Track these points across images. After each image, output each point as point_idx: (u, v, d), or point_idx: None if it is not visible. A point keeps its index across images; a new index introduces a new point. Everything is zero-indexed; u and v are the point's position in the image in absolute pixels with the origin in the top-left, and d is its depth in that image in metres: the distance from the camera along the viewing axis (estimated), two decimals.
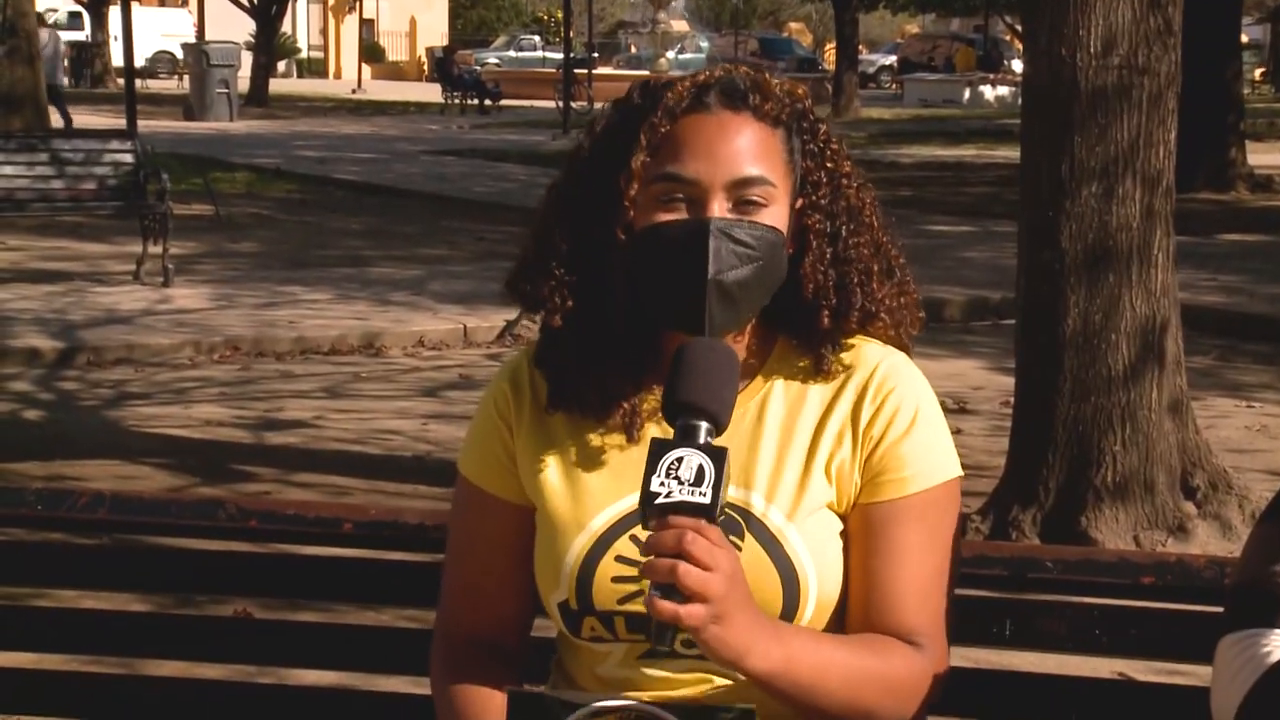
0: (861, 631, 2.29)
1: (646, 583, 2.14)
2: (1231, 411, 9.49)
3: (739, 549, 2.20)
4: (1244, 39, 29.30)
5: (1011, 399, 7.23)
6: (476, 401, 2.50)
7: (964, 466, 2.38)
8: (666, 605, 1.96)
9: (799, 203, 2.30)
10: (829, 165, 2.32)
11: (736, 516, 2.26)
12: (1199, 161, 20.02)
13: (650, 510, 2.03)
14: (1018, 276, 7.13)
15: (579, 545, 2.30)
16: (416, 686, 2.61)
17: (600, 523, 2.31)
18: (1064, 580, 2.63)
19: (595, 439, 2.35)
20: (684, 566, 1.96)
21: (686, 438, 2.07)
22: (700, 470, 2.03)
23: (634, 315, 2.29)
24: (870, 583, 2.31)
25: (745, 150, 2.25)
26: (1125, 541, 6.58)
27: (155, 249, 13.32)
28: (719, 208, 2.22)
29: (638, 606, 2.24)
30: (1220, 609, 2.27)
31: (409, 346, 11.42)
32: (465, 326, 11.79)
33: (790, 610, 2.26)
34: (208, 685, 2.97)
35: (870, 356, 2.36)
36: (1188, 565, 2.61)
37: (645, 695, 2.28)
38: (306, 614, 3.10)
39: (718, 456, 2.05)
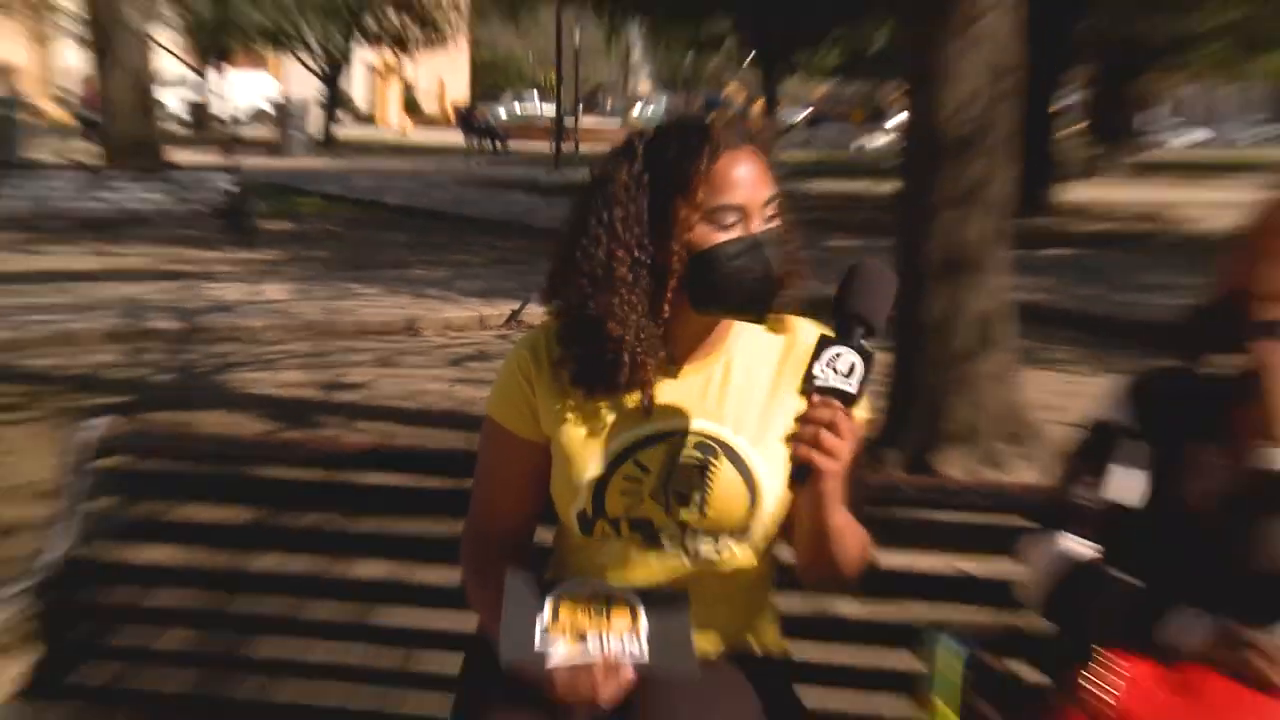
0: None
1: (649, 493, 2.32)
2: (1046, 381, 9.51)
3: (716, 468, 2.33)
4: (1069, 102, 29.18)
5: (890, 371, 7.26)
6: (491, 369, 2.55)
7: None
8: (805, 450, 2.08)
9: None
10: (775, 179, 2.35)
11: (713, 444, 2.35)
12: (1029, 194, 20.05)
13: (808, 388, 2.11)
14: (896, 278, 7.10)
15: (594, 468, 2.35)
16: (447, 577, 2.65)
17: (610, 452, 2.36)
18: (920, 500, 2.71)
19: (607, 393, 2.38)
20: (825, 433, 2.06)
21: (847, 337, 2.14)
22: (853, 366, 2.12)
23: (674, 308, 2.31)
24: None
25: (763, 176, 2.30)
26: (965, 474, 6.67)
27: (251, 255, 13.38)
28: (758, 223, 2.28)
29: (638, 513, 2.35)
30: (1031, 521, 2.34)
31: (440, 329, 11.37)
32: (482, 314, 11.73)
33: (752, 516, 2.35)
34: (293, 576, 3.02)
35: (806, 330, 2.43)
36: (1008, 490, 2.68)
37: (632, 576, 2.37)
38: (364, 523, 3.14)
39: (868, 357, 2.13)
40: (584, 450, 2.37)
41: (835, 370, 2.11)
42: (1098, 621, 2.17)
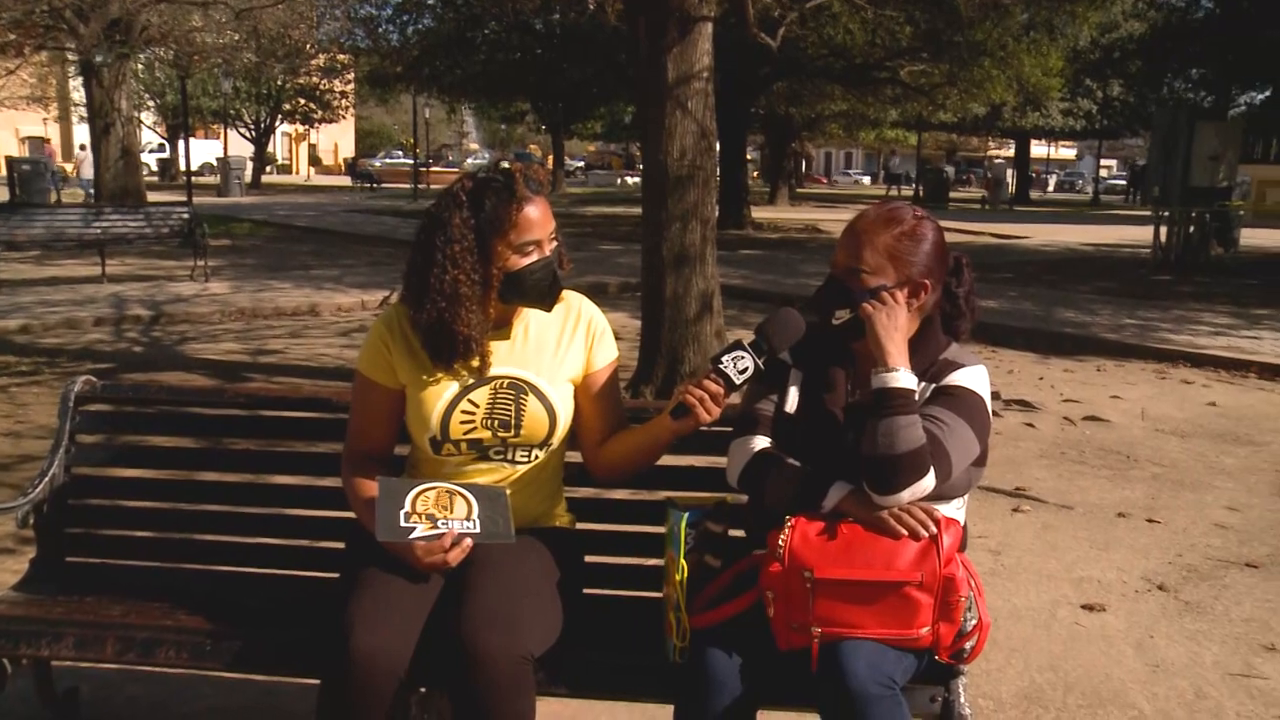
0: (603, 436, 2.43)
1: (480, 421, 2.29)
2: (745, 336, 9.69)
3: (525, 401, 2.31)
4: (749, 156, 29.91)
5: (641, 332, 7.27)
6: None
7: (618, 366, 2.49)
8: (692, 401, 2.16)
9: None
10: (553, 213, 2.33)
11: (521, 384, 2.33)
12: (729, 213, 20.47)
13: (713, 365, 2.18)
14: (642, 270, 7.13)
15: (440, 406, 2.29)
16: (337, 482, 2.52)
17: (450, 394, 2.30)
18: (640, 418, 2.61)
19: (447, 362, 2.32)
20: (708, 399, 2.16)
21: (755, 350, 2.17)
22: (746, 369, 2.15)
23: (498, 306, 2.30)
24: (604, 407, 2.42)
25: (548, 214, 2.28)
26: None
27: (200, 263, 12.92)
28: (548, 248, 2.27)
29: (473, 436, 2.31)
30: (732, 429, 2.33)
31: (333, 311, 11.06)
32: (362, 300, 11.42)
33: (551, 432, 2.34)
34: (231, 485, 2.86)
35: (574, 299, 2.45)
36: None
37: (468, 478, 2.34)
38: (280, 446, 2.98)
39: (759, 370, 2.17)
40: (431, 395, 2.32)
41: (735, 365, 2.16)
42: (772, 491, 2.17)
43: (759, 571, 2.08)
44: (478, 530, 2.20)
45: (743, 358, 2.17)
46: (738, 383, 2.17)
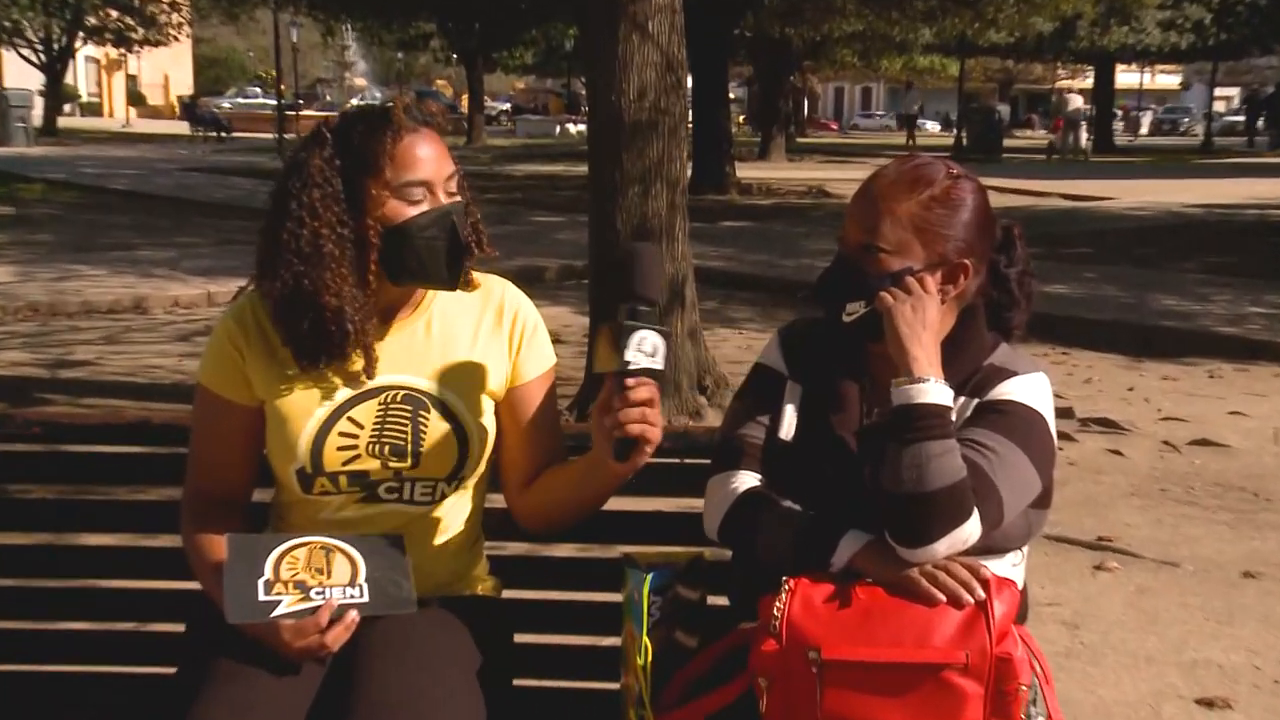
0: (531, 473, 2.44)
1: (364, 447, 2.30)
2: (729, 336, 9.76)
3: (426, 419, 2.32)
4: (732, 96, 30.03)
5: (588, 332, 7.29)
6: None
7: (557, 377, 2.51)
8: (636, 427, 2.10)
9: None
10: (454, 158, 2.34)
11: (421, 396, 2.33)
12: (706, 173, 20.55)
13: (623, 371, 2.11)
14: (591, 249, 7.16)
15: (310, 427, 2.28)
16: (174, 540, 2.50)
17: (324, 411, 2.29)
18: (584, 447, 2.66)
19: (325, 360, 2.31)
20: (648, 410, 2.10)
21: (646, 320, 2.13)
22: (655, 346, 2.12)
23: (387, 287, 2.31)
24: (536, 434, 2.43)
25: (443, 154, 2.29)
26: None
27: None
28: (443, 197, 2.27)
29: (355, 466, 2.31)
30: (709, 461, 2.35)
31: (168, 307, 11.04)
32: (209, 292, 11.44)
33: (463, 462, 2.35)
34: (21, 549, 2.82)
35: (495, 285, 2.46)
36: (695, 435, 2.66)
37: (352, 526, 2.33)
38: (92, 493, 2.96)
39: (666, 336, 2.15)
40: (298, 411, 2.31)
41: (643, 352, 2.13)
42: (765, 544, 2.17)
43: (748, 652, 2.10)
44: (365, 599, 2.18)
45: (645, 338, 2.14)
46: (662, 367, 2.14)
